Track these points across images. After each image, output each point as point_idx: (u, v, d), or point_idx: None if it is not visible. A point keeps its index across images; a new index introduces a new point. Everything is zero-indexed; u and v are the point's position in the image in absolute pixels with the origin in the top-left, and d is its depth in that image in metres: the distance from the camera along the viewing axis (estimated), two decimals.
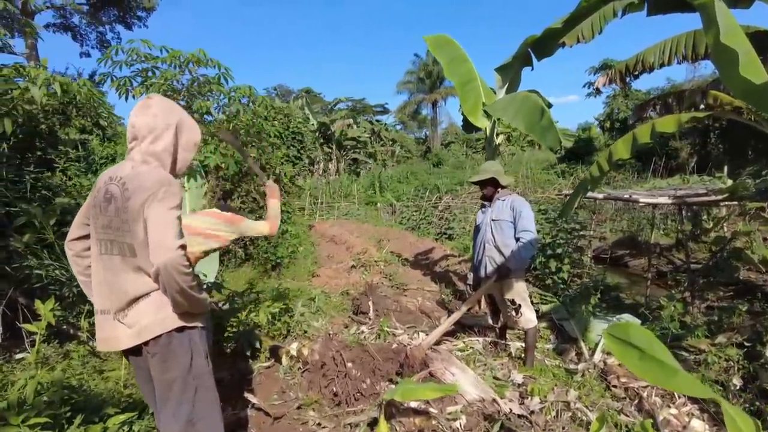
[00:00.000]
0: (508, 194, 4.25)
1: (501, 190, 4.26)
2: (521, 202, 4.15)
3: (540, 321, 5.46)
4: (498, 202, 4.22)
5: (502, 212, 4.14)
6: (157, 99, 1.93)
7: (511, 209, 4.11)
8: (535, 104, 4.86)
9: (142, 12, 24.72)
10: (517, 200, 4.16)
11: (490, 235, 4.17)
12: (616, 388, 4.03)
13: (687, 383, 1.58)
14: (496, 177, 4.18)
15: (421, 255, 9.64)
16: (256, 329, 4.19)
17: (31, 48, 20.48)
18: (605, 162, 4.39)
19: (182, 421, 1.85)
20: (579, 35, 5.36)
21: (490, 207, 4.28)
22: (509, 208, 4.13)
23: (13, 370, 2.89)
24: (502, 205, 4.19)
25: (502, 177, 4.23)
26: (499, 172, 4.24)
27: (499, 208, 4.18)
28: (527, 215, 4.03)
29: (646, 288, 7.20)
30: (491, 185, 4.25)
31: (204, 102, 5.19)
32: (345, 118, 27.80)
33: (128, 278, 1.80)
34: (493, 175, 4.18)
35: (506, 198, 4.21)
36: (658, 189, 9.53)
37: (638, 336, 1.73)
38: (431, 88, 38.83)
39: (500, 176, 4.21)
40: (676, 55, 5.82)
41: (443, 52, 6.60)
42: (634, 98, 23.31)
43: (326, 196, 19.23)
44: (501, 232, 4.11)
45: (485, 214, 4.31)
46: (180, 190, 1.83)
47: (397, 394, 2.61)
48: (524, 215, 4.02)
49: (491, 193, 4.28)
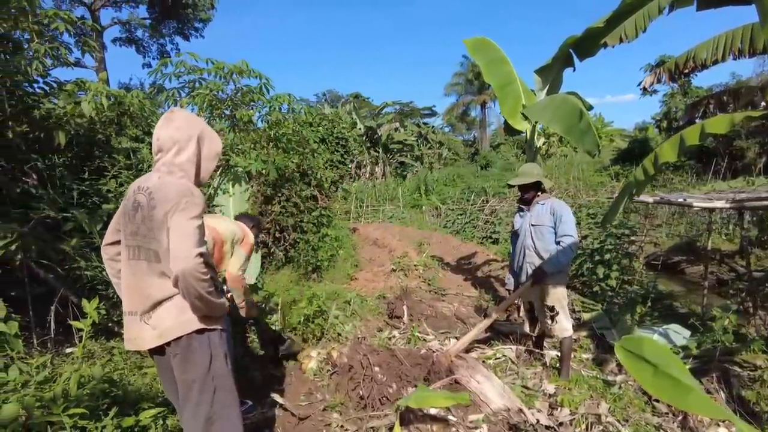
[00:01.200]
0: (548, 198, 4.13)
1: (541, 194, 4.15)
2: (561, 205, 4.03)
3: (580, 329, 5.29)
4: (537, 207, 4.10)
5: (542, 217, 4.03)
6: (180, 112, 2.05)
7: (552, 214, 3.99)
8: (574, 107, 4.73)
9: (198, 23, 25.92)
10: (557, 204, 4.04)
11: (530, 240, 4.06)
12: (658, 402, 3.84)
13: (701, 403, 1.50)
14: (541, 180, 4.08)
15: (463, 259, 9.56)
16: (290, 331, 4.32)
17: (99, 62, 22.03)
18: (651, 165, 4.20)
19: (201, 420, 1.95)
20: (622, 34, 5.16)
21: (528, 211, 4.16)
22: (549, 212, 4.01)
23: (63, 363, 3.14)
24: (542, 209, 4.07)
25: (544, 181, 4.12)
26: (541, 176, 4.13)
27: (539, 213, 4.06)
28: (568, 219, 3.91)
29: (702, 297, 6.79)
30: (533, 189, 4.14)
31: (246, 111, 5.39)
32: (392, 121, 27.92)
33: (153, 282, 1.92)
34: (537, 179, 4.07)
35: (545, 202, 4.09)
36: (717, 192, 8.97)
37: (652, 351, 1.66)
38: (480, 90, 38.31)
39: (542, 179, 4.10)
40: (732, 50, 5.48)
41: (482, 54, 6.55)
42: (694, 96, 21.99)
43: (372, 200, 19.40)
44: (542, 238, 4.00)
45: (524, 219, 4.20)
46: (202, 201, 1.94)
47: (411, 400, 2.62)
48: (565, 219, 3.90)
49: (532, 197, 4.16)
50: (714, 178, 16.32)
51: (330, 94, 42.39)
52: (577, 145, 4.74)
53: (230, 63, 5.10)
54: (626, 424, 3.25)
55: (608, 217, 4.68)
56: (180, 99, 5.17)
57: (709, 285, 7.18)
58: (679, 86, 23.07)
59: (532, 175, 4.07)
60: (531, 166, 4.26)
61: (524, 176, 4.11)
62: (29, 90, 4.22)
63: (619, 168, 23.98)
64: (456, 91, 40.32)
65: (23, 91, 4.10)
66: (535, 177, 4.06)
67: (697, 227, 12.20)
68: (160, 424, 2.54)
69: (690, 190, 11.51)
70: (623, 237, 7.07)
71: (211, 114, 5.18)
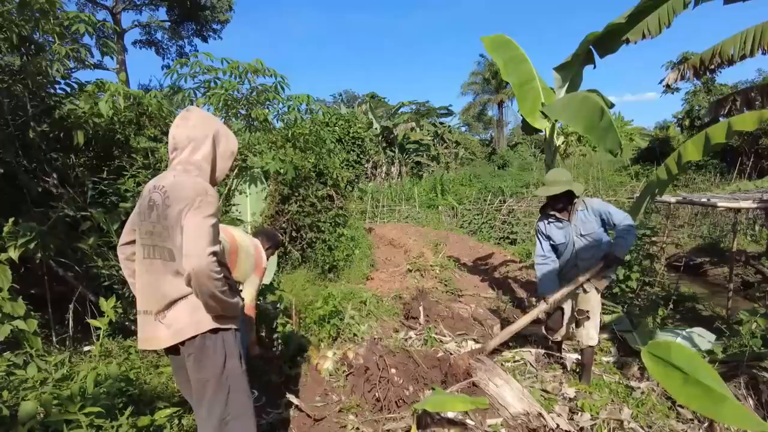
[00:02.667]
0: (582, 201, 3.82)
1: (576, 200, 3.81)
2: (599, 202, 3.79)
3: (601, 332, 5.17)
4: (579, 215, 3.76)
5: (589, 224, 3.71)
6: (196, 111, 2.04)
7: (597, 215, 3.70)
8: (595, 105, 4.62)
9: (216, 25, 26.21)
10: (596, 203, 3.77)
11: (584, 252, 3.74)
12: (683, 408, 3.73)
13: (736, 413, 1.43)
14: (572, 189, 3.70)
15: (480, 260, 9.46)
16: (306, 332, 4.31)
17: (120, 64, 22.43)
18: (674, 164, 4.08)
19: (215, 420, 1.94)
20: (644, 30, 5.05)
21: (568, 221, 3.81)
22: (594, 215, 3.71)
23: (80, 361, 3.17)
24: (585, 216, 3.74)
25: (576, 186, 3.76)
26: (571, 182, 3.75)
27: (584, 221, 3.74)
28: (614, 210, 3.68)
29: (727, 299, 6.61)
30: (565, 198, 3.76)
31: (261, 111, 5.39)
32: (408, 121, 27.84)
33: (168, 281, 1.91)
34: (568, 187, 3.68)
35: (583, 207, 3.78)
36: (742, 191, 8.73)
37: (681, 356, 1.59)
38: (497, 89, 38.07)
39: (574, 186, 3.73)
40: (761, 44, 5.31)
41: (500, 52, 6.45)
42: (718, 93, 21.42)
43: (388, 200, 19.36)
44: (597, 247, 3.70)
45: (565, 230, 3.81)
46: (216, 200, 1.92)
47: (428, 404, 2.58)
48: (613, 211, 3.66)
49: (564, 207, 3.82)
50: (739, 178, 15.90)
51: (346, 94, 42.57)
52: (597, 144, 4.62)
53: (245, 62, 5.11)
54: (650, 430, 3.15)
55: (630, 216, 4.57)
56: (196, 99, 5.21)
57: (734, 287, 6.99)
58: (703, 84, 22.52)
59: (562, 183, 3.70)
60: (559, 172, 3.88)
61: (554, 185, 3.72)
62: (51, 91, 4.29)
63: (639, 167, 23.55)
64: (473, 90, 40.17)
65: (45, 92, 4.16)
66: (566, 185, 3.69)
67: (721, 228, 11.91)
68: (176, 424, 2.55)
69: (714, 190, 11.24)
70: (644, 238, 6.91)
71: (226, 114, 5.20)
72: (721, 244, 10.71)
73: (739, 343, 4.38)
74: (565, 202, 3.78)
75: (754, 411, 3.62)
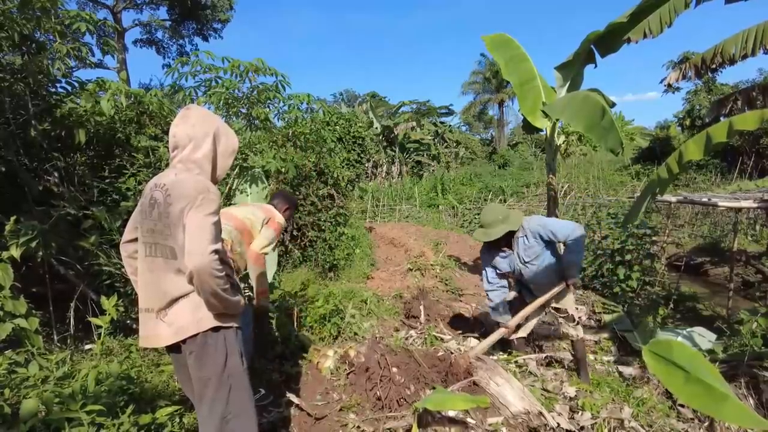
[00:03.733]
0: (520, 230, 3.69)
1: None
2: (538, 223, 3.64)
3: (601, 331, 5.18)
4: (519, 241, 3.66)
5: (531, 248, 3.62)
6: (196, 109, 2.03)
7: (537, 238, 3.60)
8: (596, 104, 4.63)
9: (217, 24, 26.17)
10: (534, 225, 3.62)
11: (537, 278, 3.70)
12: (683, 407, 3.73)
13: (737, 412, 1.43)
14: (510, 228, 3.57)
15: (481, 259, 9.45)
16: (307, 331, 4.31)
17: (121, 63, 22.41)
18: (675, 163, 4.07)
19: (217, 418, 1.93)
20: (646, 30, 5.05)
21: (510, 251, 3.73)
22: (534, 239, 3.61)
23: (82, 359, 3.18)
24: (524, 242, 3.65)
25: (512, 221, 3.61)
26: (507, 218, 3.61)
27: (525, 247, 3.65)
28: (555, 226, 3.55)
29: (727, 299, 6.61)
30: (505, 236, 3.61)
31: (262, 109, 5.39)
32: (408, 120, 27.81)
33: (169, 279, 1.91)
34: (506, 229, 3.56)
35: (522, 233, 3.67)
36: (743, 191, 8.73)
37: (683, 355, 1.59)
38: (498, 88, 38.05)
39: (510, 222, 3.59)
40: (762, 44, 5.32)
41: (501, 51, 6.46)
42: (719, 93, 21.39)
43: (388, 199, 19.36)
44: (548, 267, 3.64)
45: (509, 259, 3.75)
46: (218, 198, 1.92)
47: (429, 403, 2.58)
48: (555, 229, 3.53)
49: (508, 241, 3.70)
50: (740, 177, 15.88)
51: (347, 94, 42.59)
52: (599, 143, 4.62)
53: (246, 61, 5.10)
54: (650, 429, 3.16)
55: (630, 217, 4.55)
56: (197, 98, 5.20)
57: (734, 287, 6.99)
58: (704, 83, 22.51)
59: (498, 223, 3.58)
60: (493, 211, 3.72)
61: (491, 227, 3.60)
62: (51, 90, 4.29)
63: (639, 167, 23.55)
64: (473, 90, 40.11)
65: (46, 90, 4.16)
66: (503, 225, 3.57)
67: (721, 228, 11.92)
68: (177, 422, 2.54)
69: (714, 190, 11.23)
70: (645, 237, 6.91)
71: (227, 113, 5.20)
72: (721, 243, 10.71)
73: (739, 343, 4.39)
74: (506, 239, 3.67)
75: (754, 410, 3.62)
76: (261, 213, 3.18)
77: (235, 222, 3.03)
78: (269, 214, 3.21)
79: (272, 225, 3.18)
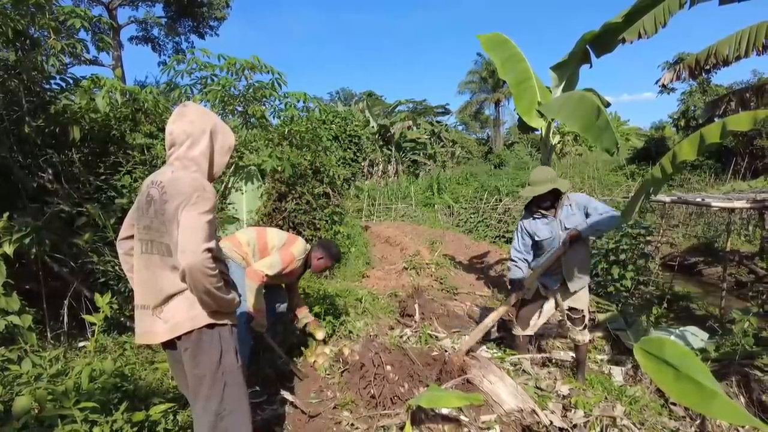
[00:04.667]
0: (567, 197, 3.84)
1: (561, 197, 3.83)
2: (582, 197, 3.82)
3: (595, 330, 5.20)
4: (564, 209, 3.79)
5: (573, 218, 3.74)
6: (192, 106, 2.03)
7: (581, 209, 3.74)
8: (591, 104, 4.65)
9: (214, 22, 26.06)
10: (579, 197, 3.81)
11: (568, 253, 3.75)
12: (675, 405, 3.77)
13: (726, 408, 1.45)
14: (557, 187, 3.71)
15: (476, 258, 9.47)
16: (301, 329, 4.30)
17: (116, 60, 22.30)
18: (669, 163, 4.09)
19: (211, 415, 1.94)
20: (641, 30, 5.07)
21: (554, 217, 3.82)
22: (578, 209, 3.75)
23: (75, 357, 3.17)
24: (569, 211, 3.77)
25: (561, 183, 3.76)
26: (555, 179, 3.75)
27: (568, 215, 3.76)
28: (596, 204, 3.71)
29: (720, 299, 6.65)
30: (551, 196, 3.76)
31: (258, 107, 5.38)
32: (405, 119, 27.80)
33: (165, 276, 1.92)
34: (553, 185, 3.68)
35: (568, 202, 3.81)
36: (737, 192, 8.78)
37: (674, 353, 1.60)
38: (494, 88, 38.13)
39: (558, 183, 3.73)
40: (755, 45, 5.34)
41: (497, 51, 6.47)
42: (713, 94, 21.51)
43: (384, 198, 19.35)
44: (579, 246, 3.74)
45: (551, 226, 3.83)
46: (213, 196, 1.92)
47: (422, 400, 2.59)
48: (594, 204, 3.70)
49: (551, 204, 3.83)
50: (733, 178, 15.95)
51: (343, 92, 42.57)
52: (594, 143, 4.64)
53: (242, 59, 5.09)
54: (642, 427, 3.18)
55: (624, 216, 4.57)
56: (192, 96, 5.18)
57: (727, 287, 7.03)
58: (698, 84, 22.61)
59: (547, 182, 3.70)
60: (543, 171, 3.85)
61: (539, 184, 3.72)
62: (46, 86, 4.27)
63: (635, 167, 23.63)
64: (470, 89, 40.20)
65: (40, 87, 4.14)
66: (550, 183, 3.68)
67: (715, 228, 11.97)
68: (171, 420, 2.54)
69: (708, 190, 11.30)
70: (639, 237, 6.94)
71: (223, 110, 5.18)
72: (715, 243, 10.77)
73: (731, 342, 4.42)
74: (551, 199, 3.80)
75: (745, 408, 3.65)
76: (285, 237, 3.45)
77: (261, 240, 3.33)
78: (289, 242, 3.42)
79: (285, 254, 3.30)
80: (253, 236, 3.38)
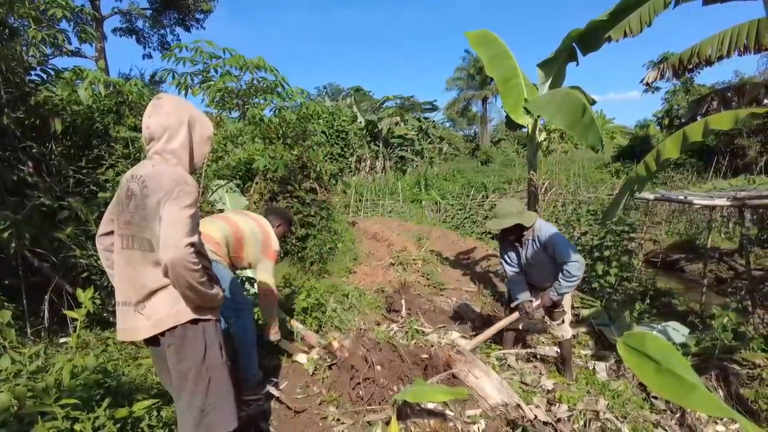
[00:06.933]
0: (532, 231, 3.86)
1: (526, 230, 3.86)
2: (548, 233, 3.78)
3: (579, 326, 5.27)
4: (528, 245, 3.87)
5: (537, 255, 3.83)
6: (167, 98, 1.99)
7: (544, 248, 3.78)
8: (577, 101, 4.67)
9: (199, 14, 25.68)
10: (545, 234, 3.78)
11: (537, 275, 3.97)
12: (656, 399, 3.84)
13: (704, 400, 1.47)
14: (521, 223, 3.75)
15: (463, 254, 9.51)
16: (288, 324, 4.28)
17: (99, 51, 21.87)
18: (653, 161, 4.15)
19: (196, 410, 1.92)
20: (626, 29, 5.11)
21: (521, 247, 3.94)
22: (541, 248, 3.79)
23: (56, 353, 3.11)
24: (533, 247, 3.85)
25: (525, 218, 3.79)
26: (522, 213, 3.81)
27: (533, 252, 3.85)
28: (562, 245, 3.70)
29: (701, 295, 6.78)
30: (518, 228, 3.82)
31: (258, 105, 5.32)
32: (393, 115, 27.76)
33: (147, 272, 1.89)
34: (517, 220, 3.73)
35: (533, 236, 3.84)
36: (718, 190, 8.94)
37: (655, 347, 1.63)
38: (482, 85, 38.28)
39: (523, 218, 3.77)
40: (737, 46, 5.42)
41: (485, 48, 6.48)
42: (696, 93, 21.86)
43: (371, 194, 19.33)
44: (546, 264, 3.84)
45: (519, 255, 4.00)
46: (196, 190, 1.90)
47: (408, 395, 2.60)
48: (559, 249, 3.68)
49: (518, 237, 3.90)
50: (715, 176, 16.24)
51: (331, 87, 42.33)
52: (580, 140, 4.68)
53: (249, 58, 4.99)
54: (624, 421, 3.23)
55: (608, 213, 4.64)
56: (192, 86, 5.06)
57: (708, 283, 7.18)
58: (682, 83, 22.97)
59: (512, 215, 3.76)
60: (509, 203, 3.93)
61: (503, 218, 3.78)
62: (26, 78, 4.17)
63: (619, 165, 23.98)
64: (457, 86, 40.29)
65: (20, 78, 4.04)
66: (516, 218, 3.74)
67: (697, 225, 12.19)
68: (155, 416, 2.51)
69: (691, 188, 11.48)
70: (623, 234, 7.05)
71: (222, 106, 5.11)
72: (697, 241, 10.96)
73: (711, 337, 4.51)
74: (517, 232, 3.88)
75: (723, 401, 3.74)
76: (260, 234, 3.26)
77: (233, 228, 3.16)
78: (265, 236, 3.28)
79: (269, 255, 3.26)
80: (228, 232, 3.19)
